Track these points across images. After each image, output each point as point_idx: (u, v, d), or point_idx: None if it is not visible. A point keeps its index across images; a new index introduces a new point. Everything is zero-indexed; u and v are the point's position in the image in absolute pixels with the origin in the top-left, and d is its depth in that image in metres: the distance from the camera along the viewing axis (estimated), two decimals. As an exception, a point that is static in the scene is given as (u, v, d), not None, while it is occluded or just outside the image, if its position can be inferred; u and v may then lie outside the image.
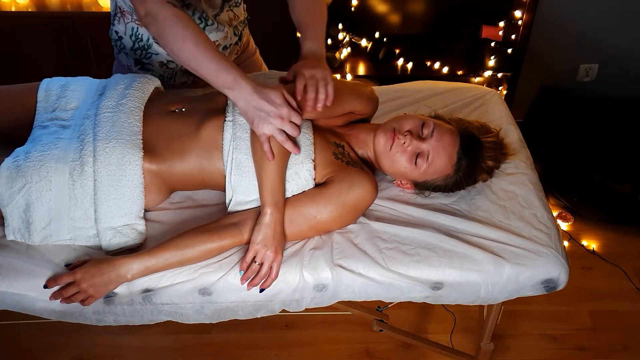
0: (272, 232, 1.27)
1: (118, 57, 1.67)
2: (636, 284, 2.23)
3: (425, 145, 1.36)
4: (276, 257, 1.28)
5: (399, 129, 1.37)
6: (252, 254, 1.28)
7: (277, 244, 1.28)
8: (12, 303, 1.30)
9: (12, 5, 2.48)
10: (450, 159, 1.38)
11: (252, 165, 1.33)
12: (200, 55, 1.24)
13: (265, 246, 1.27)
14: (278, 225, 1.29)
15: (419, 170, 1.38)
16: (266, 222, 1.28)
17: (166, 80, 1.64)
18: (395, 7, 2.71)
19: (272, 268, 1.28)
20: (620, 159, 2.49)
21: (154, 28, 1.28)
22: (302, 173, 1.33)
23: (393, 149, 1.37)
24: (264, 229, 1.27)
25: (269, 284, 1.29)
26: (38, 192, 1.29)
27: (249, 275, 1.28)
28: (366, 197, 1.35)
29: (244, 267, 1.28)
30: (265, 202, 1.28)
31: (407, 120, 1.39)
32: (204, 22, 1.51)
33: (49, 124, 1.41)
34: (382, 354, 2.00)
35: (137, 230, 1.34)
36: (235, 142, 1.35)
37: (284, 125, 1.22)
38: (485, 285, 1.32)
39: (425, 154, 1.36)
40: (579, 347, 2.02)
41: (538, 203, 1.43)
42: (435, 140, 1.36)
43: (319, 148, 1.37)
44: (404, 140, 1.35)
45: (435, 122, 1.39)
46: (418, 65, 2.68)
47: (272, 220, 1.28)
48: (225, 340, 2.03)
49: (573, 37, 2.75)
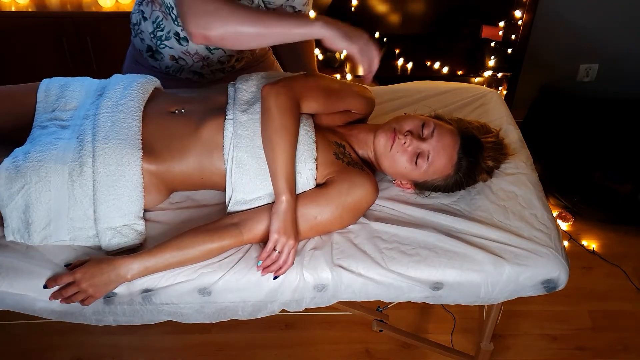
0: (290, 219, 1.28)
1: (133, 40, 1.68)
2: (636, 284, 2.23)
3: (426, 145, 1.36)
4: (295, 243, 1.29)
5: (399, 129, 1.38)
6: (272, 243, 1.27)
7: (294, 231, 1.28)
8: (12, 303, 1.30)
9: (12, 5, 2.48)
10: (450, 159, 1.38)
11: (252, 163, 1.33)
12: (278, 18, 1.24)
13: (285, 234, 1.27)
14: (294, 213, 1.29)
15: (419, 170, 1.38)
16: (283, 210, 1.28)
17: (172, 73, 1.65)
18: (395, 7, 2.71)
19: (290, 255, 1.29)
20: (620, 159, 2.49)
21: (215, 26, 1.22)
22: (305, 172, 1.33)
23: (393, 149, 1.37)
24: (282, 216, 1.28)
25: (284, 270, 1.29)
26: (37, 192, 1.29)
27: (267, 263, 1.28)
28: (366, 198, 1.35)
29: (264, 257, 1.28)
30: (280, 190, 1.28)
31: (407, 121, 1.39)
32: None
33: (49, 124, 1.41)
34: (382, 354, 2.00)
35: (137, 230, 1.34)
36: (235, 139, 1.35)
37: (370, 67, 1.26)
38: (485, 286, 1.32)
39: (426, 154, 1.36)
40: (579, 347, 2.02)
41: (538, 203, 1.43)
42: (436, 141, 1.36)
43: (321, 147, 1.37)
44: (404, 140, 1.36)
45: (435, 122, 1.39)
46: (418, 65, 2.68)
47: (288, 207, 1.28)
48: (225, 340, 2.03)
49: (573, 37, 2.75)
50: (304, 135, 1.35)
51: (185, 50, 1.57)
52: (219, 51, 1.60)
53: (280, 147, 1.29)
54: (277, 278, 1.30)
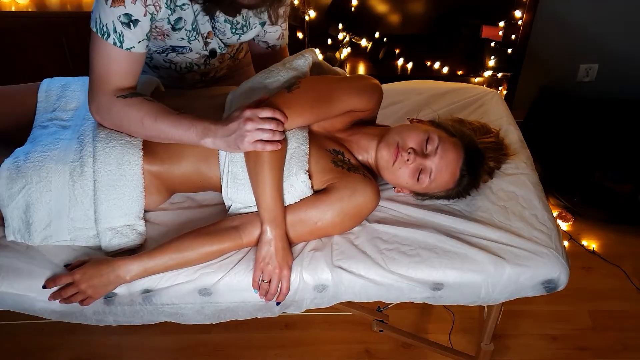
0: (273, 249, 1.27)
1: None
2: (636, 284, 2.23)
3: (429, 163, 1.34)
4: (282, 273, 1.27)
5: (402, 145, 1.34)
6: (258, 272, 1.27)
7: (280, 260, 1.27)
8: (12, 303, 1.31)
9: (12, 5, 2.48)
10: (453, 176, 1.36)
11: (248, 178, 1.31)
12: (163, 127, 1.27)
13: (269, 263, 1.27)
14: (279, 241, 1.27)
15: (421, 185, 1.36)
16: (266, 240, 1.27)
17: (179, 71, 1.62)
18: (395, 7, 2.71)
19: (282, 283, 1.28)
20: (620, 159, 2.49)
21: (108, 120, 1.32)
22: (297, 185, 1.31)
23: (396, 164, 1.35)
24: (265, 247, 1.27)
25: (282, 298, 1.30)
26: (38, 192, 1.29)
27: (262, 293, 1.29)
28: (368, 205, 1.33)
29: (255, 286, 1.28)
30: (262, 220, 1.27)
31: (410, 135, 1.36)
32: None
33: (49, 124, 1.41)
34: (382, 354, 2.00)
35: (137, 231, 1.34)
36: (230, 155, 1.34)
37: (257, 125, 1.21)
38: (485, 286, 1.32)
39: (428, 170, 1.35)
40: (579, 347, 2.02)
41: (538, 203, 1.43)
42: (439, 158, 1.34)
43: (315, 158, 1.34)
44: (407, 157, 1.33)
45: (440, 137, 1.35)
46: (418, 65, 2.67)
47: (272, 236, 1.27)
48: (225, 340, 2.03)
49: (573, 37, 2.75)
50: (296, 149, 1.32)
51: (154, 67, 1.58)
52: (190, 74, 1.60)
53: (262, 176, 1.26)
54: (280, 304, 1.31)
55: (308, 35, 2.56)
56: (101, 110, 1.31)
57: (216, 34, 1.48)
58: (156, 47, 1.46)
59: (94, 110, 1.32)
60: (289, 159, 1.31)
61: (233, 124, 1.22)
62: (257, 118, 1.21)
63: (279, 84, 1.39)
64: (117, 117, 1.30)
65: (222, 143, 1.24)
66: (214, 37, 1.48)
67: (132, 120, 1.29)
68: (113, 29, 1.23)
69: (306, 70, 1.43)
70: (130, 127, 1.31)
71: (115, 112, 1.29)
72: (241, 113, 1.22)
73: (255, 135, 1.21)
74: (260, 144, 1.22)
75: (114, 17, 1.22)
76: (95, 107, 1.31)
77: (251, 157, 1.27)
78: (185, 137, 1.26)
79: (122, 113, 1.29)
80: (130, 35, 1.25)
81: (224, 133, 1.23)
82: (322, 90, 1.35)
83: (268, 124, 1.22)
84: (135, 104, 1.28)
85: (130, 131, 1.32)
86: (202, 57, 1.52)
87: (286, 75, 1.40)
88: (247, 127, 1.20)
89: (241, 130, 1.21)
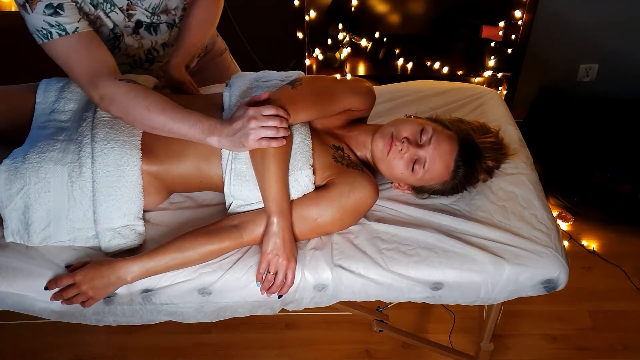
0: (281, 240, 1.27)
1: None
2: (636, 284, 2.23)
3: (423, 152, 1.35)
4: (289, 264, 1.28)
5: (396, 134, 1.36)
6: (265, 264, 1.28)
7: (288, 252, 1.28)
8: (12, 303, 1.31)
9: (12, 6, 2.48)
10: (447, 167, 1.37)
11: (252, 174, 1.32)
12: (168, 119, 1.27)
13: (277, 255, 1.27)
14: (287, 233, 1.28)
15: (415, 176, 1.37)
16: (274, 231, 1.28)
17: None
18: (395, 7, 2.71)
19: (287, 275, 1.28)
20: (620, 159, 2.49)
21: (115, 108, 1.32)
22: (302, 179, 1.32)
23: (390, 154, 1.36)
24: (273, 238, 1.27)
25: (286, 290, 1.30)
26: (37, 193, 1.29)
27: (266, 285, 1.28)
28: (367, 200, 1.34)
29: (259, 279, 1.28)
30: (270, 212, 1.28)
31: (405, 126, 1.38)
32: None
33: (48, 124, 1.41)
34: (382, 354, 2.00)
35: (137, 231, 1.34)
36: (234, 152, 1.34)
37: (260, 123, 1.22)
38: (485, 286, 1.32)
39: (422, 160, 1.35)
40: (579, 347, 2.02)
41: (538, 203, 1.43)
42: (433, 148, 1.35)
43: (318, 153, 1.36)
44: (401, 147, 1.34)
45: (434, 128, 1.37)
46: (418, 65, 2.67)
47: (279, 228, 1.27)
48: (225, 340, 2.03)
49: (573, 37, 2.75)
50: (300, 143, 1.33)
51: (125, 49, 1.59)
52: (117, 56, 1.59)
53: (269, 169, 1.27)
54: (282, 297, 1.31)
55: (308, 36, 2.56)
56: (105, 98, 1.31)
57: (135, 3, 1.48)
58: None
59: (97, 98, 1.32)
60: (293, 153, 1.32)
61: (237, 123, 1.23)
62: (260, 116, 1.22)
63: (277, 82, 1.42)
64: (124, 103, 1.29)
65: (228, 142, 1.25)
66: (136, 9, 1.49)
67: (139, 107, 1.28)
68: (49, 25, 1.28)
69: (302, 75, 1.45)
70: (135, 114, 1.29)
71: (120, 98, 1.29)
72: (245, 112, 1.22)
73: (260, 133, 1.22)
74: (265, 141, 1.22)
75: (41, 17, 1.28)
76: (98, 95, 1.31)
77: (257, 151, 1.27)
78: (190, 133, 1.27)
79: (127, 98, 1.29)
80: (66, 20, 1.29)
81: (229, 132, 1.24)
82: (323, 88, 1.38)
83: (272, 121, 1.22)
84: (139, 89, 1.29)
85: (134, 118, 1.31)
86: (128, 28, 1.53)
87: (281, 76, 1.44)
88: (251, 125, 1.21)
89: (245, 128, 1.21)
